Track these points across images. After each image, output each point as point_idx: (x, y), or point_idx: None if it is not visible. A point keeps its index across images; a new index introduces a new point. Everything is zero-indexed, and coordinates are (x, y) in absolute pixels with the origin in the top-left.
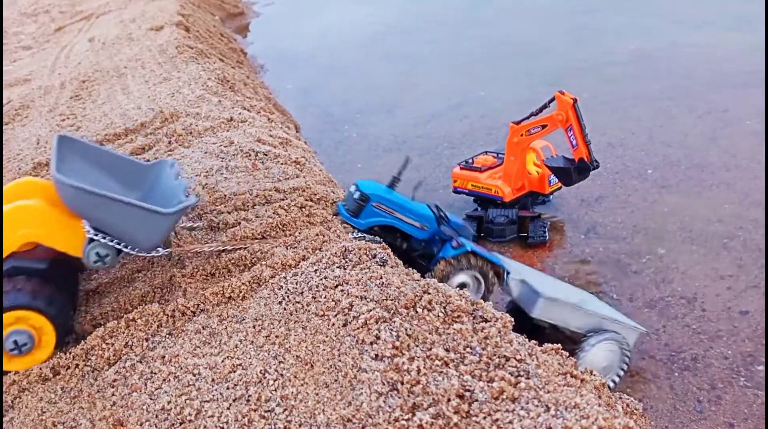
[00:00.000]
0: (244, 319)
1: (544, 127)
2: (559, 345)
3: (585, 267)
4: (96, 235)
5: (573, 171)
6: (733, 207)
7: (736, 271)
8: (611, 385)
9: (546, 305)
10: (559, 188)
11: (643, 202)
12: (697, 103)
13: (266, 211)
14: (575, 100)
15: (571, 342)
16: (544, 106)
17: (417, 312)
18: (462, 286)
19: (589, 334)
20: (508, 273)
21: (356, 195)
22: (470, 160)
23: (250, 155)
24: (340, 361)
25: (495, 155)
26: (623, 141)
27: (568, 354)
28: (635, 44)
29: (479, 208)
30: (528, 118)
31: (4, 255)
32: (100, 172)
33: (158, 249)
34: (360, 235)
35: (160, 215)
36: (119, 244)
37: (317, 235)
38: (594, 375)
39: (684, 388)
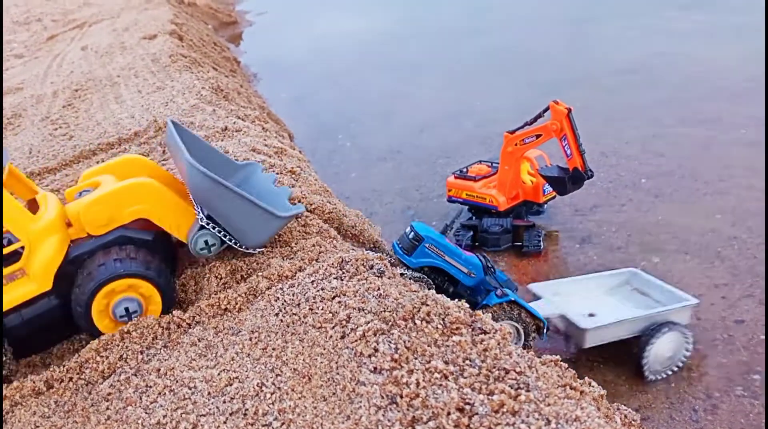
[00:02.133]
0: (240, 332)
1: (538, 136)
2: (558, 357)
3: None
4: (207, 224)
5: (567, 180)
6: (726, 216)
7: (731, 280)
8: (677, 368)
9: (593, 336)
10: (554, 197)
11: (637, 212)
12: (690, 113)
13: None
14: (570, 110)
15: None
16: (539, 116)
17: (415, 324)
18: None
19: (646, 333)
20: (548, 328)
21: (411, 235)
22: (465, 169)
23: None
24: (338, 374)
25: (489, 164)
26: (617, 151)
27: (566, 365)
28: (631, 54)
29: (474, 218)
30: (522, 127)
31: (114, 226)
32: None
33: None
34: (408, 272)
35: (275, 217)
36: (228, 237)
37: (314, 245)
38: (593, 386)
39: (680, 398)
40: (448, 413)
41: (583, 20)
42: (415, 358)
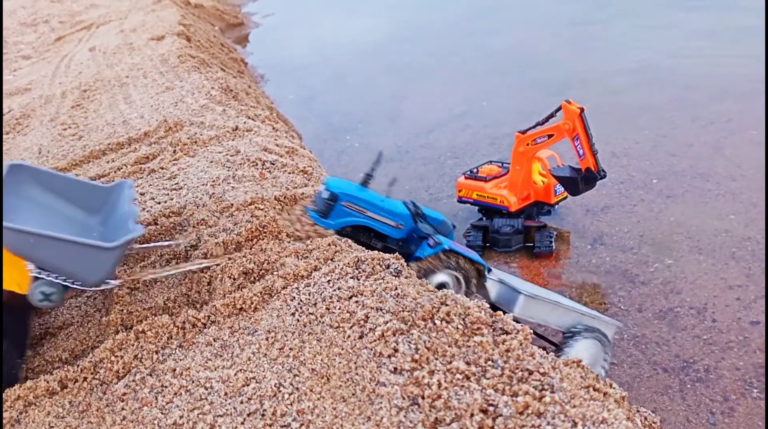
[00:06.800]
0: (256, 331)
1: (550, 136)
2: (581, 358)
3: (592, 277)
4: (39, 272)
5: (580, 181)
6: (739, 217)
7: (745, 281)
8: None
9: (526, 303)
10: (565, 198)
11: (649, 212)
12: (701, 113)
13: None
14: (582, 110)
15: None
16: (551, 116)
17: (435, 324)
18: (442, 286)
19: (570, 331)
20: (489, 270)
21: (325, 194)
22: (475, 170)
23: (256, 164)
24: (357, 374)
25: (500, 165)
26: (627, 151)
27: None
28: (638, 55)
29: (484, 218)
30: (534, 127)
31: None
32: (58, 199)
33: (108, 282)
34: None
35: (104, 250)
36: (65, 280)
37: (329, 244)
38: (614, 387)
39: (696, 400)
40: (472, 414)
41: (588, 22)
42: (436, 359)
